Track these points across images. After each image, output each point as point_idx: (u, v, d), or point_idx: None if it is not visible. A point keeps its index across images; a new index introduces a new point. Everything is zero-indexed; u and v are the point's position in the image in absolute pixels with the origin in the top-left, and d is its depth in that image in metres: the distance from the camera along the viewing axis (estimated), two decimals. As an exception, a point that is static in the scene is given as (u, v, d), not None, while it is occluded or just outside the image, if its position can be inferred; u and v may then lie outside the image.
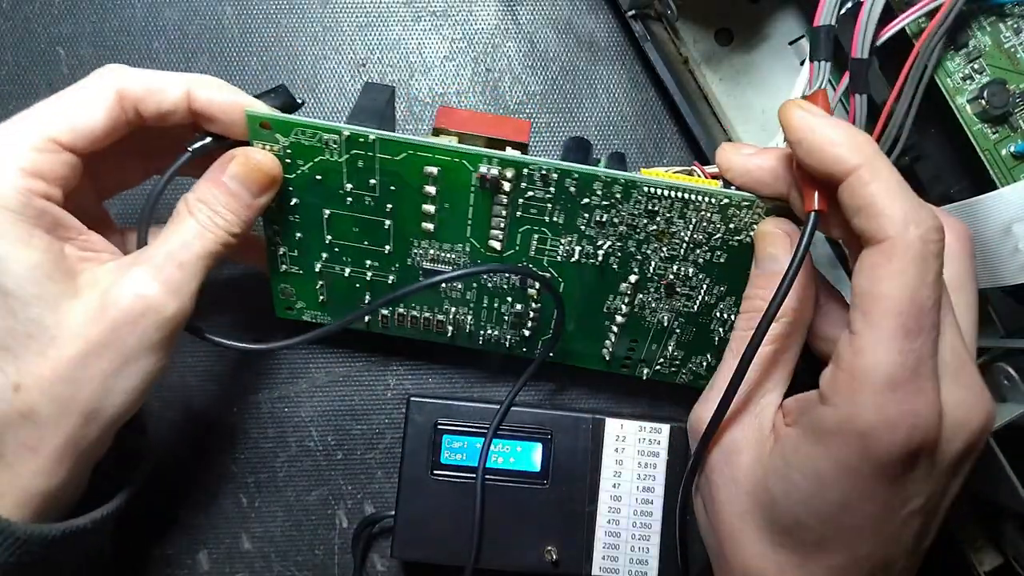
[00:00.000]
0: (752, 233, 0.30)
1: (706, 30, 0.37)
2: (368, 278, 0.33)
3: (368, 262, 0.33)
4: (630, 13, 0.35)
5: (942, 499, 0.25)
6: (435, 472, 0.34)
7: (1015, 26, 0.30)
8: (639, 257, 0.31)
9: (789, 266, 0.26)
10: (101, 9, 0.38)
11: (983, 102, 0.29)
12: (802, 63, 0.36)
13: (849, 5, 0.28)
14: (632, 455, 0.35)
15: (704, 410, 0.28)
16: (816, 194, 0.26)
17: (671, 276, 0.32)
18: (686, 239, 0.30)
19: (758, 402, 0.28)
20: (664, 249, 0.31)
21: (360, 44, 0.38)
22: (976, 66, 0.30)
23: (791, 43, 0.36)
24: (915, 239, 0.23)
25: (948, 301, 0.25)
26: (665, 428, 0.35)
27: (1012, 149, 0.30)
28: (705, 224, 0.30)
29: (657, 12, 0.36)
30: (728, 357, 0.29)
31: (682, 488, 0.30)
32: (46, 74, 0.38)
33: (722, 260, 0.31)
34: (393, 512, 0.34)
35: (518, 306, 0.34)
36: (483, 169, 0.29)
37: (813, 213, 0.26)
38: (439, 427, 0.35)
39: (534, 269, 0.32)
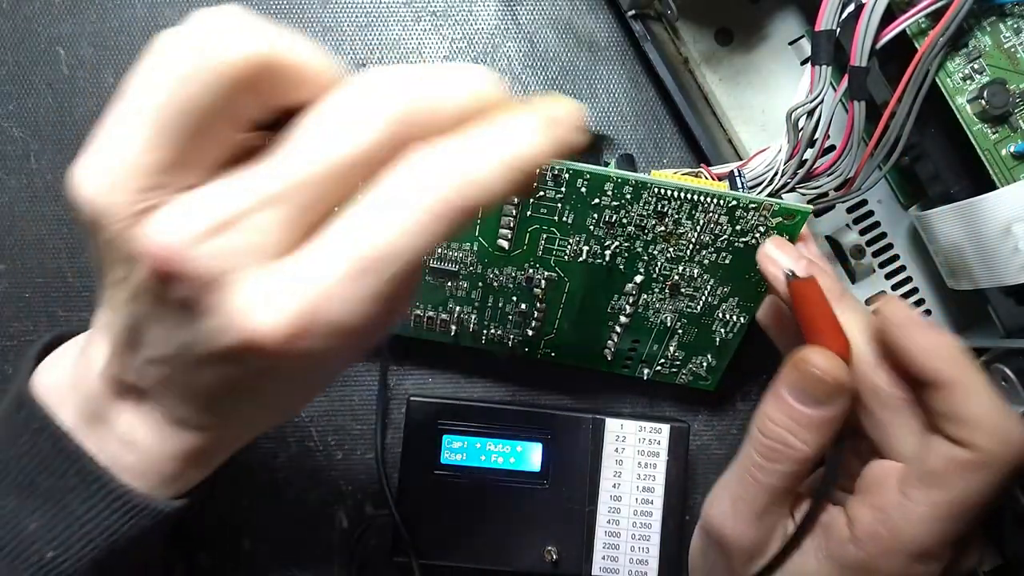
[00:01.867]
0: (757, 236, 0.30)
1: (706, 30, 0.37)
2: None
3: None
4: (630, 13, 0.35)
5: None
6: (435, 472, 0.34)
7: (1015, 26, 0.30)
8: (645, 258, 0.31)
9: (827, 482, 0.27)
10: (101, 9, 0.38)
11: (983, 102, 0.29)
12: (803, 63, 0.36)
13: (851, 8, 0.28)
14: (632, 455, 0.35)
15: (727, 519, 0.28)
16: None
17: (676, 277, 0.32)
18: (693, 240, 0.31)
19: (779, 515, 0.28)
20: (671, 250, 0.31)
21: (360, 44, 0.38)
22: (976, 66, 0.30)
23: (791, 43, 0.36)
24: (1008, 458, 0.25)
25: None
26: (665, 428, 0.35)
27: (1012, 149, 0.30)
28: (712, 225, 0.30)
29: (657, 12, 0.36)
30: (749, 479, 0.28)
31: None
32: (46, 74, 0.37)
33: (727, 261, 0.31)
34: (393, 512, 0.34)
35: (523, 305, 0.34)
36: None
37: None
38: (439, 427, 0.35)
39: None
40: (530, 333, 0.35)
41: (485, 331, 0.35)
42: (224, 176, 0.19)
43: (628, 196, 0.30)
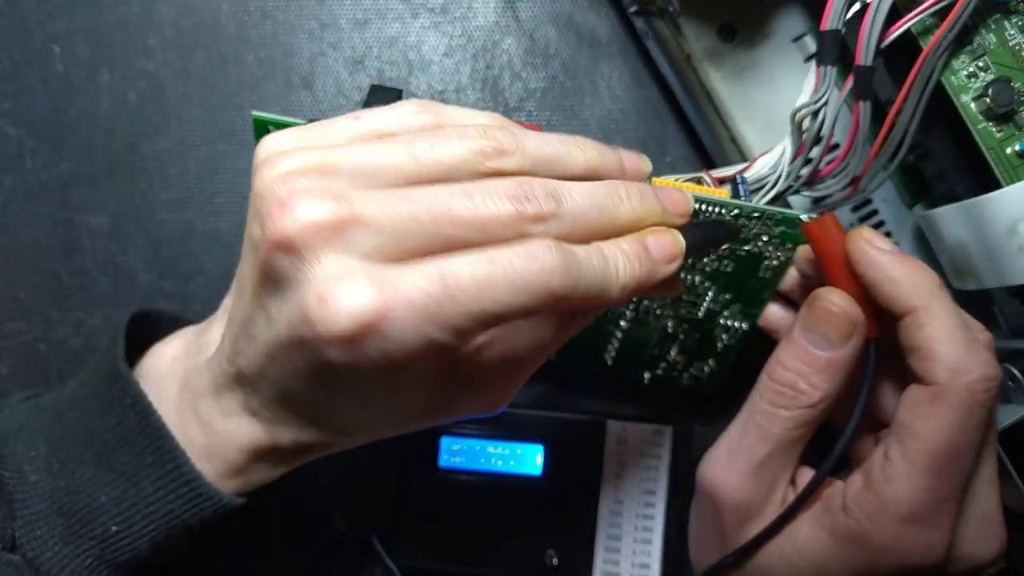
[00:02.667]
0: (760, 244, 0.30)
1: (709, 26, 0.36)
2: None
3: None
4: (632, 9, 0.35)
5: None
6: (435, 474, 0.34)
7: (1020, 24, 0.29)
8: None
9: (859, 394, 0.27)
10: (97, 5, 0.37)
11: (988, 100, 0.29)
12: (806, 60, 0.36)
13: (856, 7, 0.28)
14: (634, 457, 0.35)
15: (722, 471, 0.28)
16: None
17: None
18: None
19: (777, 475, 0.28)
20: None
21: (358, 40, 0.38)
22: (981, 63, 0.29)
23: (794, 40, 0.36)
24: (961, 388, 0.24)
25: (994, 433, 0.26)
26: (668, 430, 0.35)
27: (1017, 147, 0.29)
28: None
29: (659, 8, 0.35)
30: (751, 427, 0.28)
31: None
32: (41, 71, 0.37)
33: (728, 269, 0.31)
34: (391, 515, 0.34)
35: None
36: None
37: (873, 341, 0.27)
38: (439, 428, 0.34)
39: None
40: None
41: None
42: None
43: None
